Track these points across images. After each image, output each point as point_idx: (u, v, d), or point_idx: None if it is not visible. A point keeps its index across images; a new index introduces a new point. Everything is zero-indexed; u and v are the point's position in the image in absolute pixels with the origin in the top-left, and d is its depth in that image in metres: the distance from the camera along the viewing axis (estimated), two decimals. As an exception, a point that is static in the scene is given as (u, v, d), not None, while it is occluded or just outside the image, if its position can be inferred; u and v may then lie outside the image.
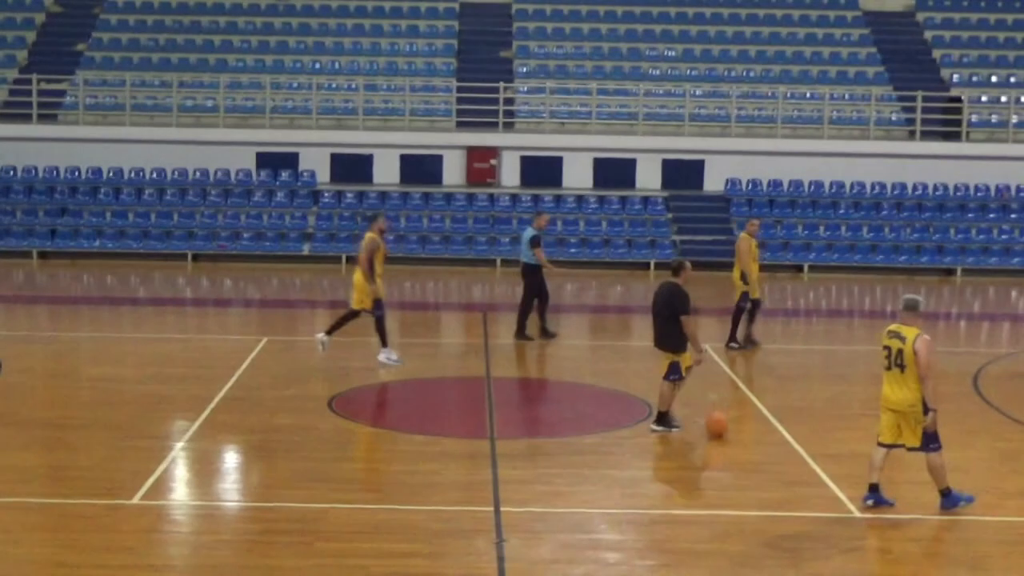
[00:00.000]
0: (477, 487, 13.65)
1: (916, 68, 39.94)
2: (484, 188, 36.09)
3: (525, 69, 39.34)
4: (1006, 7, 42.11)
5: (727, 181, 36.27)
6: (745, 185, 36.19)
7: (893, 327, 13.02)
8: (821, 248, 34.42)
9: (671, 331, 15.97)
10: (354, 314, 20.22)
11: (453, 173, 36.49)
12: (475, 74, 38.52)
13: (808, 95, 38.26)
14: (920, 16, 42.01)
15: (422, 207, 35.50)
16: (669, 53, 39.99)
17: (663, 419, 16.18)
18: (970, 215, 35.74)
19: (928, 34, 41.38)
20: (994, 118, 38.43)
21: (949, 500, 13.03)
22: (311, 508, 12.77)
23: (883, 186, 36.15)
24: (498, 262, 33.44)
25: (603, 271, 33.53)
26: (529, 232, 22.74)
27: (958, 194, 36.21)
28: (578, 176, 36.42)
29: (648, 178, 36.45)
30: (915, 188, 36.21)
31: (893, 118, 38.25)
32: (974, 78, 39.58)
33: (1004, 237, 35.21)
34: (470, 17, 41.35)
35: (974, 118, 38.10)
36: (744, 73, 39.24)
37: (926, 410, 12.78)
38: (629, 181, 36.40)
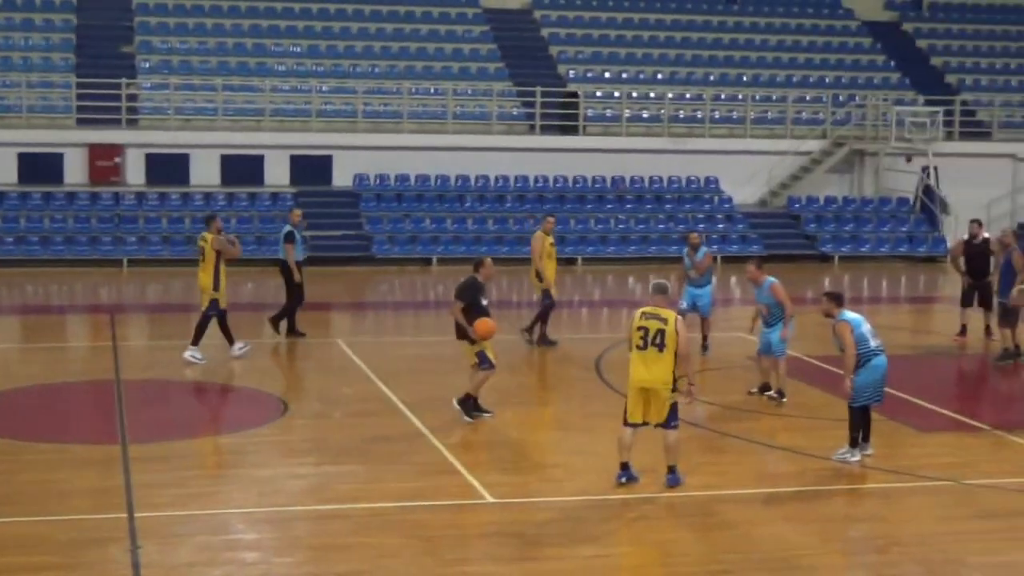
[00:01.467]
0: (110, 493, 13.38)
1: (534, 64, 41.27)
2: (108, 187, 35.11)
3: (148, 64, 38.50)
4: (616, 6, 43.97)
5: (355, 176, 36.53)
6: (373, 180, 36.55)
7: (648, 309, 13.68)
8: (449, 241, 35.05)
9: (468, 322, 16.26)
10: (208, 317, 20.53)
11: (75, 172, 35.35)
12: (96, 69, 37.42)
13: (432, 91, 38.95)
14: (537, 14, 43.39)
15: (43, 207, 34.25)
16: (295, 49, 39.94)
17: (476, 406, 16.59)
18: (589, 206, 37.16)
19: (545, 31, 42.80)
20: (608, 112, 40.12)
21: (674, 477, 13.80)
22: (-67, 525, 12.25)
23: (507, 179, 37.18)
24: (124, 262, 32.63)
25: (231, 268, 33.12)
26: (285, 229, 22.64)
27: (577, 186, 37.61)
28: (205, 173, 35.93)
29: (276, 174, 36.34)
30: (536, 180, 37.39)
31: (514, 113, 39.40)
32: (589, 74, 41.18)
33: (621, 227, 36.77)
34: (89, 11, 40.11)
35: (590, 112, 39.67)
36: (369, 69, 39.59)
37: (674, 387, 13.52)
38: (257, 178, 36.18)
